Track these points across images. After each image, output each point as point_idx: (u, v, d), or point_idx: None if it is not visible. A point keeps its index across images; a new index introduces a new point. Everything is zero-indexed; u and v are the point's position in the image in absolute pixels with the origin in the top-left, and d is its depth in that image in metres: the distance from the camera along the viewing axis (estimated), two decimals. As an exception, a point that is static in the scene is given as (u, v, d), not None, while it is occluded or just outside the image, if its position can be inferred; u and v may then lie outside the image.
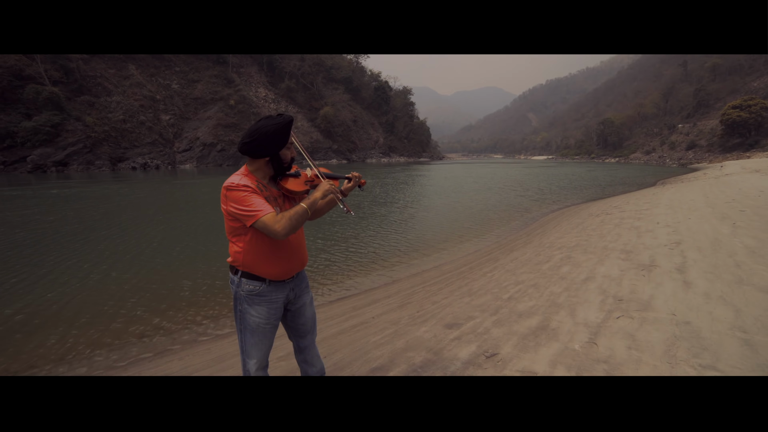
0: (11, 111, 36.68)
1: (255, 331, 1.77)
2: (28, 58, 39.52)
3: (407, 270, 6.15)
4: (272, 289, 1.78)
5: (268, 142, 1.65)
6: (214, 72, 58.06)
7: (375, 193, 17.27)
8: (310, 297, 2.00)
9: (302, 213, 1.62)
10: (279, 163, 1.74)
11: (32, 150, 36.35)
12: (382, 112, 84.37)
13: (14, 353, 3.61)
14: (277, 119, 1.67)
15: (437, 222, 10.16)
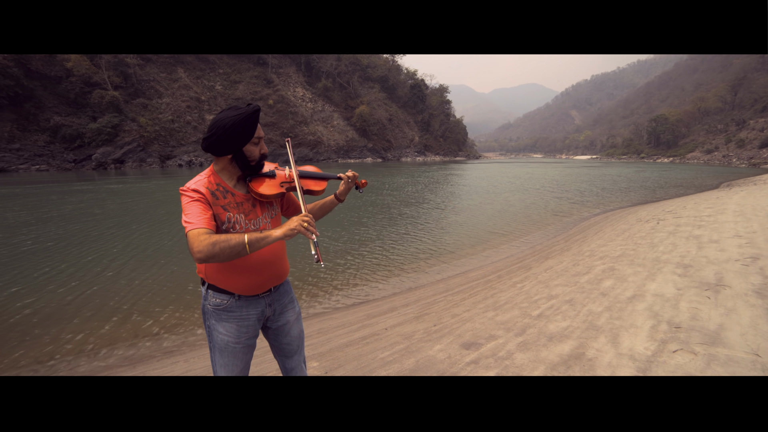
0: (81, 114, 40.66)
1: (224, 351, 1.54)
2: (96, 66, 43.16)
3: (431, 275, 5.79)
4: (243, 304, 1.54)
5: (227, 136, 1.41)
6: (255, 73, 60.27)
7: (406, 192, 16.94)
8: (296, 313, 1.75)
9: (235, 246, 1.29)
10: (243, 161, 1.49)
11: (96, 149, 39.83)
12: (418, 110, 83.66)
13: (34, 344, 3.69)
14: (237, 110, 1.42)
15: (468, 224, 9.66)
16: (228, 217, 1.45)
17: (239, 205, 1.49)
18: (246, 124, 1.42)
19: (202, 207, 1.37)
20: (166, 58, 51.78)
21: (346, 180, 1.72)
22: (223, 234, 1.32)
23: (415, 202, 13.63)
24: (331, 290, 5.16)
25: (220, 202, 1.45)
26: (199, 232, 1.29)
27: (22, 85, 37.29)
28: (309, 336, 3.71)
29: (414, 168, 40.72)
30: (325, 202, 1.78)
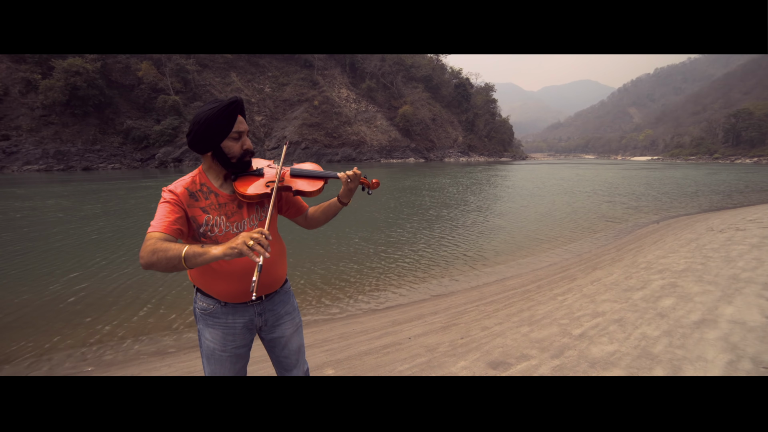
0: (148, 117, 44.88)
1: (210, 358, 1.46)
2: (161, 74, 47.22)
3: (465, 282, 5.48)
4: (228, 311, 1.44)
5: (203, 132, 1.31)
6: (302, 75, 62.33)
7: (447, 193, 16.50)
8: (295, 326, 1.61)
9: (171, 258, 1.13)
10: (223, 157, 1.37)
11: (159, 149, 43.56)
12: (462, 110, 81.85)
13: (74, 332, 3.93)
14: (215, 102, 1.32)
15: (509, 229, 9.13)
16: (206, 220, 1.35)
17: (222, 206, 1.38)
18: (221, 117, 1.31)
19: (169, 209, 1.28)
20: (220, 64, 55.11)
21: (345, 180, 1.50)
22: (167, 243, 1.18)
23: (454, 204, 13.20)
24: (358, 293, 5.04)
25: (200, 203, 1.35)
26: (151, 236, 1.20)
27: (105, 94, 42.03)
28: (330, 340, 3.60)
29: (457, 169, 39.79)
30: (329, 204, 1.61)
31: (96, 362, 3.38)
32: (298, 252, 6.77)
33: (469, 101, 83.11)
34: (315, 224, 1.66)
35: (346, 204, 1.57)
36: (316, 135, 57.69)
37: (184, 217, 1.31)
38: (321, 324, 4.12)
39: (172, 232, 1.24)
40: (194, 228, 1.35)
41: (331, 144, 58.96)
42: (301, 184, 1.51)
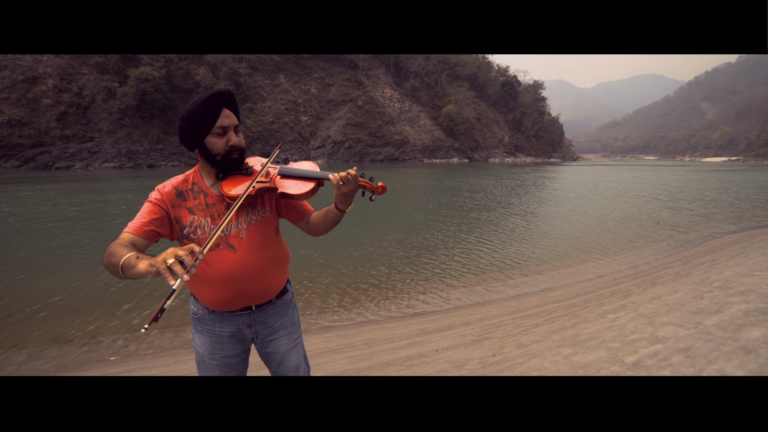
0: None
1: (200, 365, 1.39)
2: (216, 77, 50.46)
3: (503, 291, 5.10)
4: (215, 318, 1.34)
5: (186, 127, 1.22)
6: (346, 76, 63.42)
7: (489, 195, 15.85)
8: (292, 342, 1.46)
9: (114, 265, 1.03)
10: (208, 155, 1.26)
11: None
12: (509, 108, 78.83)
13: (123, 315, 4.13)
14: (197, 96, 1.21)
15: (554, 234, 8.49)
16: (191, 221, 1.26)
17: (210, 207, 1.28)
18: (201, 111, 1.19)
19: (148, 210, 1.21)
20: (269, 66, 57.55)
21: (337, 183, 1.26)
22: (121, 247, 1.07)
23: (496, 207, 12.60)
24: (387, 298, 4.86)
25: (188, 203, 1.27)
26: (121, 236, 1.14)
27: (168, 98, 45.98)
28: (354, 346, 3.46)
29: (502, 169, 38.24)
30: (328, 211, 1.39)
31: (122, 352, 3.51)
32: (327, 252, 6.74)
33: (516, 100, 79.80)
34: (317, 231, 1.44)
35: (344, 210, 1.34)
36: (359, 135, 58.44)
37: (164, 219, 1.24)
38: (347, 328, 4.00)
39: (143, 234, 1.18)
40: (177, 230, 1.27)
41: (374, 144, 59.42)
42: (289, 186, 1.32)
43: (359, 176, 1.29)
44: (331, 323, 4.14)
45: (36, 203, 12.61)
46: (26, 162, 40.26)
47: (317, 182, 1.33)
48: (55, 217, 9.86)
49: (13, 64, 43.40)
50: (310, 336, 3.78)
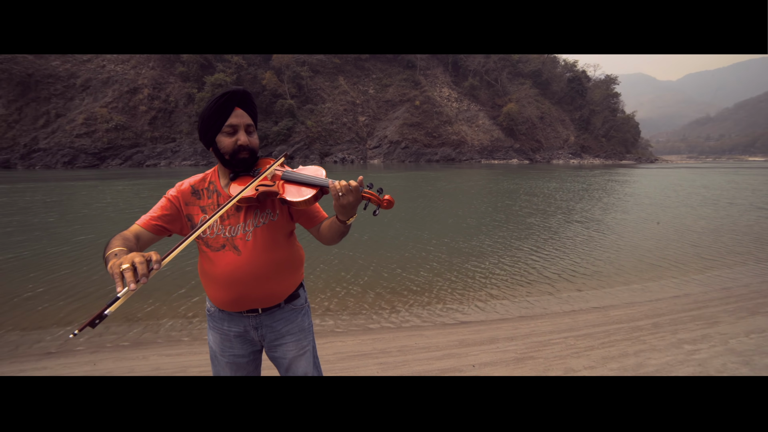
0: (268, 120, 51.76)
1: (213, 360, 1.43)
2: (280, 81, 53.70)
3: (557, 304, 4.69)
4: (224, 317, 1.36)
5: (201, 125, 1.26)
6: (404, 76, 63.59)
7: (552, 199, 14.83)
8: (300, 349, 1.41)
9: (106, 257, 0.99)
10: (218, 153, 1.27)
11: (275, 147, 49.55)
12: (576, 106, 73.26)
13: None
14: (215, 95, 1.23)
15: (624, 245, 7.64)
16: (202, 220, 1.28)
17: (219, 207, 1.27)
18: (214, 109, 1.20)
19: (161, 206, 1.27)
20: (330, 69, 59.68)
21: (336, 193, 1.17)
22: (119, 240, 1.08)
23: (555, 212, 11.73)
24: (429, 303, 4.71)
25: (201, 202, 1.29)
26: (130, 227, 1.20)
27: None
28: (387, 351, 3.38)
29: (566, 172, 35.53)
30: (332, 221, 1.31)
31: (165, 336, 3.78)
32: (369, 252, 6.73)
33: (584, 97, 73.84)
34: (325, 240, 1.37)
35: (345, 222, 1.24)
36: (416, 135, 58.32)
37: (174, 215, 1.28)
38: (384, 332, 3.93)
39: (150, 228, 1.23)
40: (189, 227, 1.30)
41: (430, 144, 58.91)
42: (290, 191, 1.27)
43: (365, 187, 1.20)
44: (368, 325, 4.10)
45: (128, 196, 14.38)
46: (125, 160, 46.45)
47: (319, 189, 1.25)
48: (140, 208, 11.13)
49: (121, 78, 50.25)
50: (346, 337, 3.77)
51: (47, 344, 3.62)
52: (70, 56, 50.51)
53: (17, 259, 6.34)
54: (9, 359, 3.34)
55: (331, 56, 59.70)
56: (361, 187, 1.18)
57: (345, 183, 1.16)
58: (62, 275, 5.49)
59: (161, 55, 51.59)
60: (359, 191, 1.17)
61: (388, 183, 21.40)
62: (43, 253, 6.69)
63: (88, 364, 3.19)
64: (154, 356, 3.32)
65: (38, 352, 3.48)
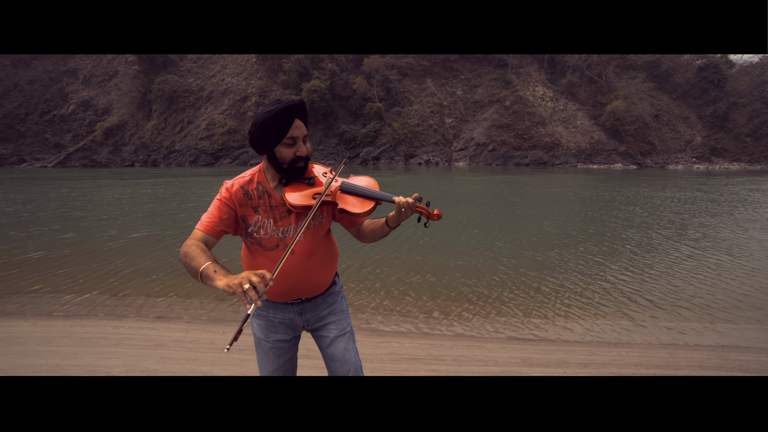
0: (357, 122, 54.57)
1: (257, 345, 1.56)
2: (370, 85, 55.94)
3: (652, 333, 4.03)
4: (269, 306, 1.48)
5: (258, 134, 1.30)
6: (494, 76, 60.84)
7: (657, 211, 12.78)
8: (339, 331, 1.53)
9: (193, 268, 1.16)
10: (275, 162, 1.35)
11: (363, 149, 52.04)
12: (707, 100, 61.26)
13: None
14: (272, 105, 1.28)
15: (755, 274, 6.22)
16: (255, 220, 1.37)
17: (272, 209, 1.38)
18: (276, 121, 1.27)
19: (218, 208, 1.34)
20: (418, 72, 60.02)
21: (399, 206, 1.36)
22: (199, 250, 1.21)
23: (665, 225, 10.05)
24: (491, 314, 4.45)
25: (253, 202, 1.38)
26: (195, 234, 1.28)
27: (330, 105, 54.21)
28: (442, 359, 3.31)
29: (689, 179, 29.91)
30: (377, 224, 1.47)
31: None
32: (433, 256, 6.60)
33: (721, 88, 61.13)
34: (365, 239, 1.55)
35: (394, 228, 1.44)
36: (504, 137, 55.43)
37: (232, 218, 1.36)
38: (442, 338, 3.85)
39: (214, 233, 1.31)
40: (243, 227, 1.40)
41: (520, 146, 55.39)
42: (350, 202, 1.41)
43: (418, 202, 1.39)
44: (426, 330, 4.05)
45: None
46: (234, 159, 53.42)
47: (376, 202, 1.42)
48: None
49: (235, 88, 58.11)
50: (404, 339, 3.78)
51: (160, 310, 4.38)
52: (201, 73, 60.14)
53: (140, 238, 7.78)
54: (134, 317, 4.14)
55: (420, 59, 60.05)
56: (416, 203, 1.37)
57: (405, 200, 1.34)
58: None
59: (267, 66, 58.06)
60: (415, 207, 1.37)
61: (468, 187, 20.76)
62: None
63: (182, 332, 3.78)
64: (232, 333, 3.77)
65: (153, 315, 4.23)
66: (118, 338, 3.59)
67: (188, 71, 60.67)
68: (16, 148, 57.87)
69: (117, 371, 2.94)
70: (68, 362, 3.08)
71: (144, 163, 55.26)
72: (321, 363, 2.32)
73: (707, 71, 61.91)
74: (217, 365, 3.08)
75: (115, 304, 4.61)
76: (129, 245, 7.41)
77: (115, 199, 14.98)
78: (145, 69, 59.33)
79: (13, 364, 3.03)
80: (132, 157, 56.47)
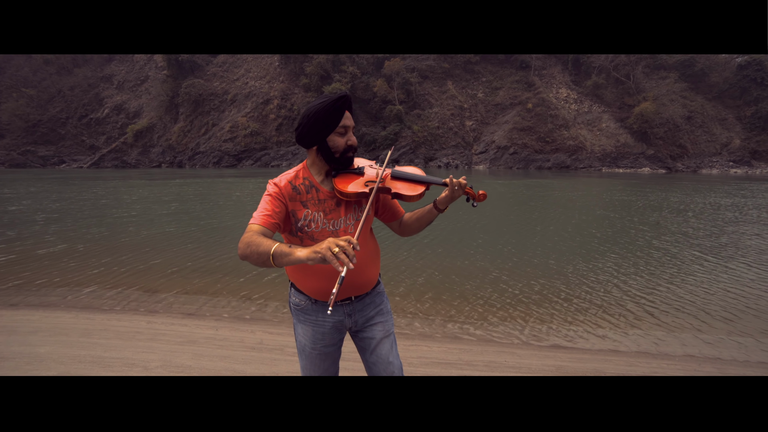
0: (377, 125, 54.80)
1: (302, 353, 1.52)
2: (390, 87, 56.07)
3: (696, 345, 3.83)
4: (318, 308, 1.45)
5: (311, 125, 1.32)
6: (516, 78, 59.90)
7: (699, 218, 12.21)
8: (385, 332, 1.52)
9: (262, 253, 1.15)
10: (327, 152, 1.36)
11: (381, 151, 52.03)
12: (747, 100, 58.10)
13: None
14: (324, 97, 1.32)
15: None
16: (305, 215, 1.37)
17: (321, 202, 1.38)
18: (329, 111, 1.31)
19: (270, 203, 1.33)
20: (438, 74, 59.80)
21: (451, 186, 1.41)
22: (261, 237, 1.21)
23: (697, 234, 9.59)
24: (523, 320, 4.33)
25: (302, 197, 1.38)
26: (250, 228, 1.26)
27: None
28: (473, 365, 3.23)
29: (725, 184, 28.41)
30: (423, 211, 1.51)
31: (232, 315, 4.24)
32: (464, 259, 6.50)
33: (765, 86, 57.82)
34: (408, 231, 1.59)
35: (443, 211, 1.49)
36: (526, 140, 54.41)
37: (284, 212, 1.36)
38: (473, 344, 3.77)
39: (270, 226, 1.29)
40: (292, 222, 1.39)
41: (542, 149, 54.22)
42: (401, 187, 1.45)
43: None
44: (458, 335, 3.98)
45: (255, 191, 16.86)
46: (256, 161, 54.59)
47: (427, 186, 1.46)
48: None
49: (258, 91, 59.52)
50: (432, 343, 3.73)
51: (190, 308, 4.48)
52: (226, 77, 61.95)
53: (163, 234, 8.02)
54: (165, 313, 4.25)
55: (440, 61, 59.78)
56: (467, 183, 1.46)
57: (461, 179, 1.41)
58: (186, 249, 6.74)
59: (289, 69, 59.13)
60: (465, 187, 1.44)
61: (491, 189, 20.44)
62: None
63: (212, 329, 3.84)
64: (260, 332, 3.80)
65: (182, 312, 4.33)
66: (153, 333, 3.69)
67: (214, 75, 62.67)
68: (57, 150, 61.38)
69: (154, 366, 3.01)
70: (109, 354, 3.19)
71: (170, 164, 57.35)
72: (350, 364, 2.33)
73: (749, 69, 58.54)
74: (250, 363, 3.11)
75: (146, 299, 4.75)
76: (152, 241, 7.66)
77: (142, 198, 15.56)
78: (173, 73, 61.74)
79: (61, 354, 3.16)
80: (159, 158, 58.71)
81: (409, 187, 1.45)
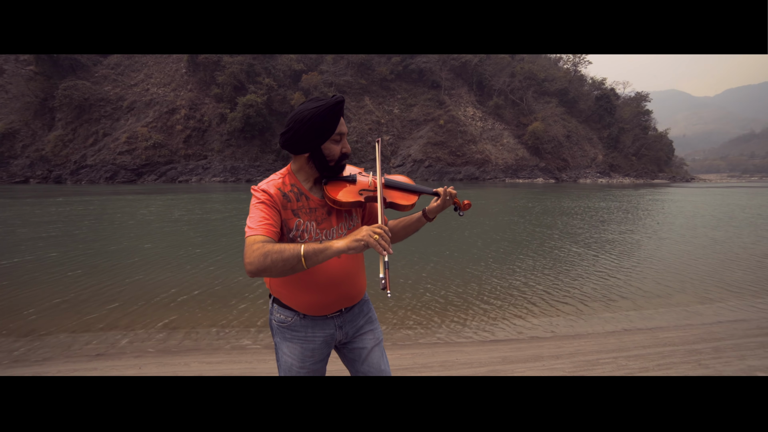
0: None
1: (286, 372, 1.38)
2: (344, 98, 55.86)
3: (598, 324, 4.49)
4: (308, 324, 1.34)
5: (305, 131, 1.22)
6: (429, 96, 64.46)
7: (580, 217, 14.40)
8: (375, 340, 1.46)
9: (289, 258, 1.06)
10: (321, 160, 1.27)
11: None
12: (604, 125, 71.58)
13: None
14: (318, 101, 1.22)
15: (664, 265, 7.28)
16: (297, 224, 1.26)
17: (312, 211, 1.29)
18: (326, 117, 1.21)
19: (266, 211, 1.20)
20: (356, 90, 61.34)
21: (443, 196, 1.44)
22: (278, 244, 1.10)
23: (587, 232, 11.36)
24: (466, 319, 4.62)
25: (292, 205, 1.26)
26: (254, 239, 1.12)
27: (266, 120, 52.63)
28: (429, 366, 3.33)
29: (594, 191, 34.48)
30: (411, 219, 1.48)
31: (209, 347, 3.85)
32: (403, 268, 6.70)
33: (612, 115, 72.04)
34: (393, 240, 1.48)
35: (432, 220, 1.49)
36: (439, 153, 58.53)
37: (278, 220, 1.24)
38: (422, 347, 3.88)
39: (273, 235, 1.17)
40: (284, 231, 1.28)
41: (454, 162, 58.89)
42: (396, 196, 1.44)
43: None
44: (405, 340, 4.05)
45: (164, 210, 15.07)
46: (160, 176, 48.89)
47: (419, 195, 1.47)
48: (172, 221, 11.63)
49: (162, 99, 53.71)
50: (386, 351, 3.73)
51: (95, 347, 3.79)
52: (120, 81, 54.60)
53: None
54: (63, 359, 3.52)
55: (358, 77, 61.34)
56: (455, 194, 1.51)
57: (451, 189, 1.44)
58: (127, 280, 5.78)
59: (198, 78, 54.74)
60: (454, 197, 1.47)
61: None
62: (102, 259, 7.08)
63: (134, 368, 3.31)
64: (195, 363, 3.40)
65: (89, 353, 3.64)
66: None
67: (104, 78, 54.69)
68: None
69: None
70: None
71: (44, 179, 47.85)
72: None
73: (602, 100, 72.72)
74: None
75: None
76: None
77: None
78: (45, 71, 51.73)
79: None
80: (26, 172, 48.51)
81: (404, 197, 1.43)
